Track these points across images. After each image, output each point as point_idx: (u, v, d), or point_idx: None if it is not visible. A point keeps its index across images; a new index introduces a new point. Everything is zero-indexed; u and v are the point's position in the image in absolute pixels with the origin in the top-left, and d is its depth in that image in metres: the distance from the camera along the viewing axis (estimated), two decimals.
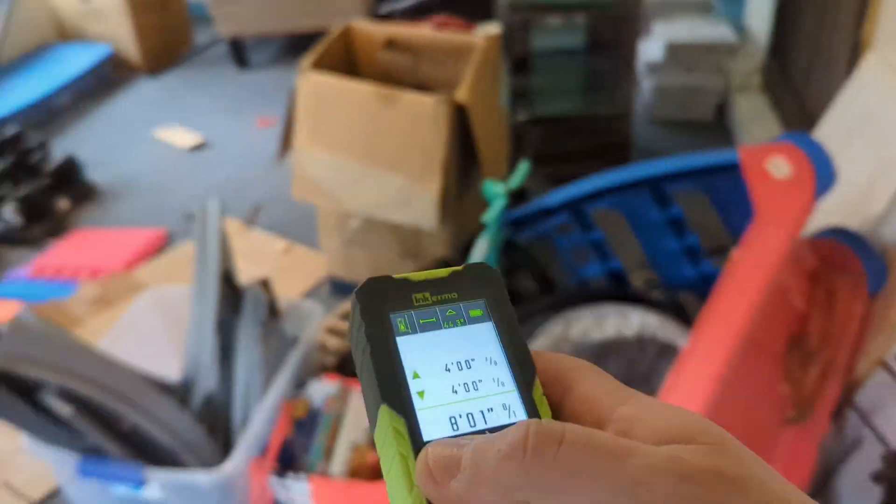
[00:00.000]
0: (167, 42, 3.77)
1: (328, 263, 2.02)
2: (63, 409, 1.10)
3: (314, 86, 1.71)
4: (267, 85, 3.47)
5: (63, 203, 2.61)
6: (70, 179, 2.69)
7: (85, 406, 1.13)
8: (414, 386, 0.25)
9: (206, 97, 3.46)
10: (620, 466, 0.21)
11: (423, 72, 1.87)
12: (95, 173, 2.78)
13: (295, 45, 3.57)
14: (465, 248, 1.58)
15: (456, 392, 0.26)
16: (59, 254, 2.32)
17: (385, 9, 2.92)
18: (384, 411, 0.25)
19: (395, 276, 0.28)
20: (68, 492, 1.34)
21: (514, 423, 0.23)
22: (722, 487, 0.21)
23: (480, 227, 1.41)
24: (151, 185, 2.74)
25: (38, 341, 1.13)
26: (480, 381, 0.26)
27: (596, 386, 0.26)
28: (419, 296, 0.27)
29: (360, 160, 1.71)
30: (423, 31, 1.90)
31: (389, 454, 0.25)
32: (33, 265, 2.26)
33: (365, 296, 0.27)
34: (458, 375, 0.26)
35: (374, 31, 1.91)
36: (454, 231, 1.79)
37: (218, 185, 2.66)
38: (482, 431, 0.25)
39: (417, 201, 1.66)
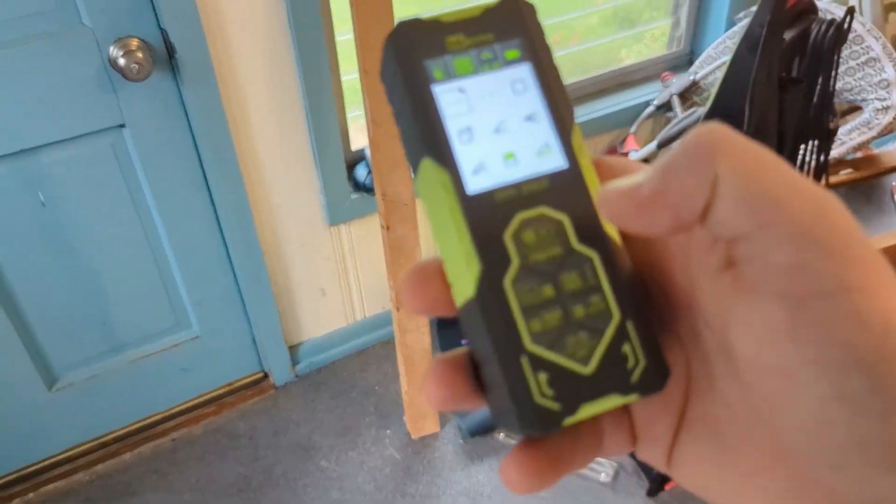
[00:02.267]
0: None
1: None
2: None
3: None
4: None
5: None
6: None
7: None
8: (453, 135, 0.24)
9: None
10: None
11: None
12: None
13: None
14: None
15: (495, 137, 0.25)
16: None
17: None
18: (427, 164, 0.24)
19: (426, 17, 0.25)
20: None
21: (553, 168, 0.24)
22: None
23: None
24: None
25: None
26: (520, 125, 0.25)
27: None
28: (453, 39, 0.25)
29: None
30: None
31: (435, 205, 0.24)
32: None
33: (398, 42, 0.25)
34: (497, 120, 0.25)
35: None
36: None
37: None
38: (523, 178, 0.24)
39: None
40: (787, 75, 1.36)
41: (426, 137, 0.24)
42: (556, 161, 0.24)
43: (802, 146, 1.47)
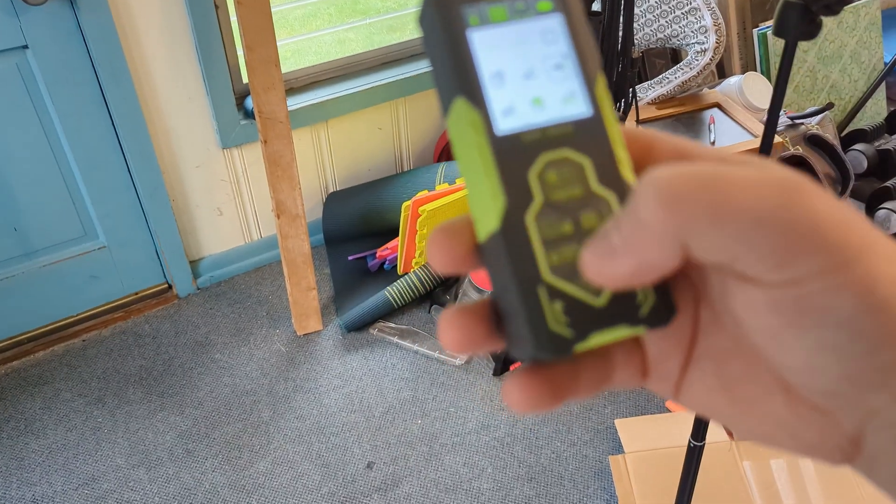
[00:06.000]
0: None
1: None
2: None
3: None
4: None
5: None
6: None
7: None
8: (486, 78, 0.26)
9: None
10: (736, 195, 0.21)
11: None
12: None
13: None
14: None
15: (524, 83, 0.26)
16: None
17: None
18: (460, 103, 0.26)
19: None
20: None
21: (578, 114, 0.26)
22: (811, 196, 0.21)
23: None
24: None
25: None
26: (548, 73, 0.26)
27: (679, 139, 0.27)
28: None
29: None
30: None
31: (465, 143, 0.26)
32: None
33: None
34: (527, 67, 0.26)
35: None
36: None
37: None
38: (549, 122, 0.26)
39: None
40: (589, 10, 1.64)
41: (461, 78, 0.26)
42: (580, 108, 0.26)
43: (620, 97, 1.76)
